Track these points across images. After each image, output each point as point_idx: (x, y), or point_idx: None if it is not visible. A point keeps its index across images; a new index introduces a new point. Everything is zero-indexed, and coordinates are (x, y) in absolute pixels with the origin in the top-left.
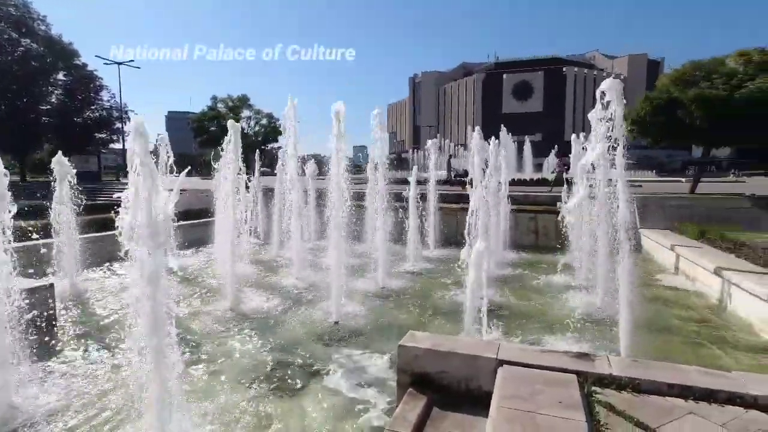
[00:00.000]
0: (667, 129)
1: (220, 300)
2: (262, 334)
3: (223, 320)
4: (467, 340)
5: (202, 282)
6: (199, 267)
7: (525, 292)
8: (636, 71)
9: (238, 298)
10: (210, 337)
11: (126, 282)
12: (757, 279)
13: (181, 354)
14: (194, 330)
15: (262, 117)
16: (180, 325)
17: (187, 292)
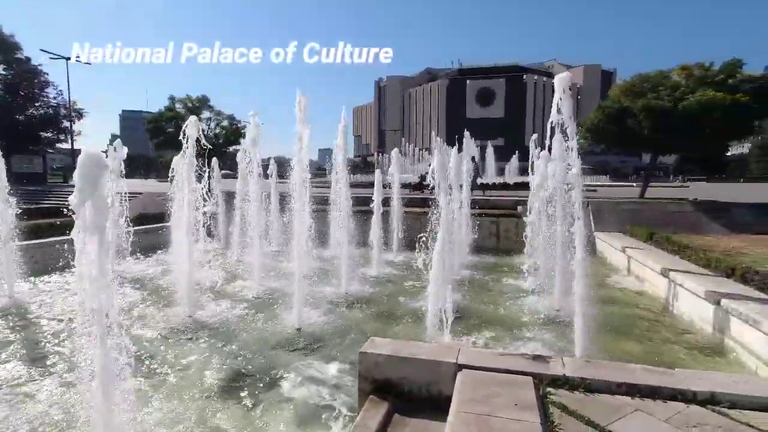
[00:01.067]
0: (618, 136)
1: (176, 307)
2: (220, 342)
3: (179, 329)
4: (428, 346)
5: (158, 289)
6: (154, 273)
7: (487, 294)
8: (591, 81)
9: (195, 305)
10: (164, 346)
11: (73, 290)
12: (697, 279)
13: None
14: (147, 340)
15: (223, 119)
16: (131, 335)
17: (140, 300)
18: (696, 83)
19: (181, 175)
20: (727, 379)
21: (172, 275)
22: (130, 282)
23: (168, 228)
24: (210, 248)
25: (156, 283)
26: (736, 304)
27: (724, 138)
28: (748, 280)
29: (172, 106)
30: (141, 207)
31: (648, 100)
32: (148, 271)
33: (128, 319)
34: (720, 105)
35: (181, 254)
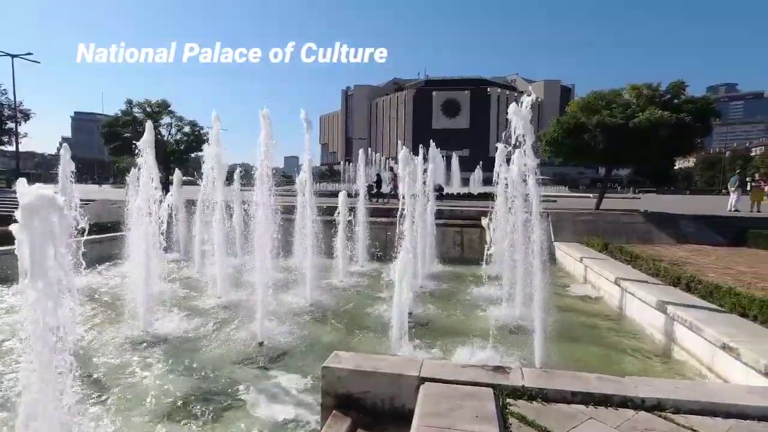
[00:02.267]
0: (576, 150)
1: (131, 322)
2: (178, 359)
3: (134, 345)
4: (391, 359)
5: (112, 303)
6: (108, 286)
7: (450, 304)
8: (551, 95)
9: (152, 319)
10: (118, 365)
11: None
12: (647, 288)
13: (80, 387)
14: (99, 358)
15: (185, 125)
16: (81, 353)
17: (91, 315)
18: (645, 102)
19: (137, 181)
20: (671, 386)
21: (126, 288)
22: (81, 296)
23: (123, 238)
24: (169, 259)
25: (109, 296)
26: (681, 312)
27: (671, 153)
28: (692, 288)
29: (129, 110)
30: (94, 215)
31: (603, 116)
32: (100, 283)
33: (77, 335)
34: (667, 123)
35: (137, 265)
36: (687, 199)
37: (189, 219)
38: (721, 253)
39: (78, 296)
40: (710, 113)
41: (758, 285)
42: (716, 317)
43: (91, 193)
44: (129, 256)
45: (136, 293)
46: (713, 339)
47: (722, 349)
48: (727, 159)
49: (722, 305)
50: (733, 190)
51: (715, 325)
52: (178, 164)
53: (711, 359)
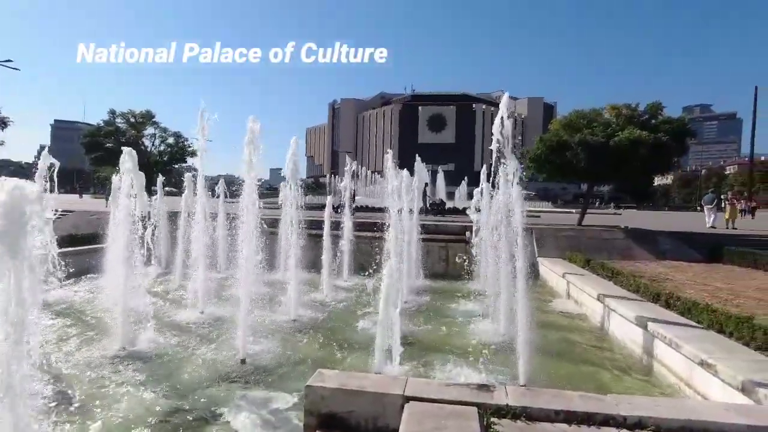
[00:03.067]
0: (558, 167)
1: (108, 339)
2: (157, 377)
3: (111, 363)
4: (375, 377)
5: (88, 318)
6: (85, 300)
7: (436, 320)
8: (534, 112)
9: (130, 336)
10: (93, 384)
11: None
12: (628, 304)
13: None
14: (73, 376)
15: (169, 135)
16: (54, 372)
17: (67, 331)
18: (625, 122)
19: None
20: (652, 403)
21: (103, 303)
22: (55, 311)
23: (102, 250)
24: (150, 272)
25: (85, 312)
26: (661, 329)
27: (649, 171)
28: (671, 305)
29: (111, 120)
30: (71, 226)
31: (584, 135)
32: (76, 297)
33: (50, 353)
34: (645, 142)
35: (115, 279)
36: (665, 215)
37: (171, 231)
38: (698, 269)
39: (51, 312)
40: (686, 133)
41: (734, 302)
42: (694, 334)
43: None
44: (107, 269)
45: (113, 308)
46: (691, 355)
47: (700, 366)
48: (703, 177)
49: (700, 322)
50: (709, 208)
51: (693, 341)
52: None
53: (690, 375)
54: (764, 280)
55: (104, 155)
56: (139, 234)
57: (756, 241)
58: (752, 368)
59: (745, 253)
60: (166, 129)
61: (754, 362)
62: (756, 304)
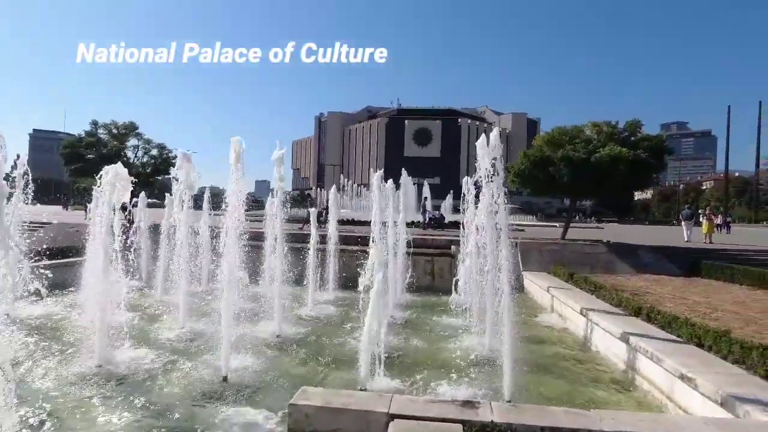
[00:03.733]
0: (542, 182)
1: (85, 356)
2: (135, 395)
3: (87, 382)
4: (360, 395)
5: (63, 335)
6: (60, 316)
7: (421, 335)
8: (518, 127)
9: (108, 353)
10: (68, 403)
11: None
12: (610, 318)
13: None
14: (47, 395)
15: (152, 147)
16: (27, 391)
17: (41, 348)
18: (606, 138)
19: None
20: (634, 418)
21: (81, 319)
22: (29, 327)
23: (80, 263)
24: (131, 286)
25: (61, 328)
26: (643, 343)
27: (629, 187)
28: (652, 319)
29: (93, 131)
30: (50, 239)
31: (566, 151)
32: (52, 312)
33: (22, 373)
34: (625, 159)
35: (93, 294)
36: (646, 229)
37: (153, 244)
38: (677, 283)
39: (25, 328)
40: (664, 150)
41: (712, 315)
42: (675, 348)
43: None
44: (85, 284)
45: (93, 324)
46: (672, 369)
47: (681, 379)
48: (681, 192)
49: (680, 335)
50: (687, 223)
51: (673, 355)
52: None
53: (671, 389)
54: (740, 293)
55: (85, 166)
56: (119, 247)
57: (732, 255)
58: (730, 382)
59: (722, 267)
60: (150, 140)
61: (732, 376)
62: (733, 317)
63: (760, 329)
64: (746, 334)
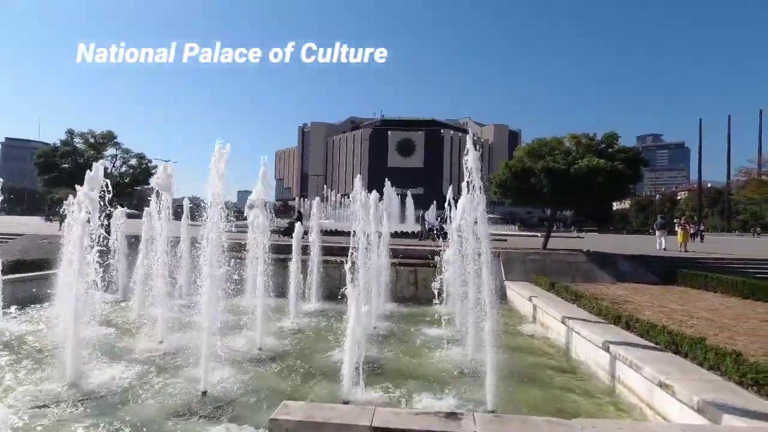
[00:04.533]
0: (523, 192)
1: (55, 374)
2: (109, 415)
3: (57, 401)
4: (342, 408)
5: (32, 351)
6: (30, 331)
7: (404, 346)
8: (500, 138)
9: (81, 370)
10: (37, 423)
11: None
12: (591, 327)
13: None
14: (15, 415)
15: (131, 157)
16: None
17: (9, 366)
18: (584, 150)
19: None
20: (614, 426)
21: (52, 334)
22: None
23: (53, 276)
24: (107, 300)
25: (30, 344)
26: (622, 351)
27: (607, 197)
28: (631, 327)
29: (69, 140)
30: (22, 251)
31: (547, 162)
32: (22, 329)
33: None
34: (603, 170)
35: (66, 308)
36: (624, 238)
37: (130, 255)
38: (655, 291)
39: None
40: (640, 162)
41: (688, 322)
42: (653, 355)
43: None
44: (58, 297)
45: (63, 340)
46: (651, 377)
47: (659, 387)
48: (657, 202)
49: (658, 343)
50: (660, 233)
51: (652, 363)
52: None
53: (650, 396)
54: (714, 301)
55: (60, 176)
56: (94, 259)
57: (706, 264)
58: (706, 388)
59: (697, 276)
60: (129, 150)
61: (708, 382)
62: (707, 324)
63: (732, 335)
64: (720, 341)
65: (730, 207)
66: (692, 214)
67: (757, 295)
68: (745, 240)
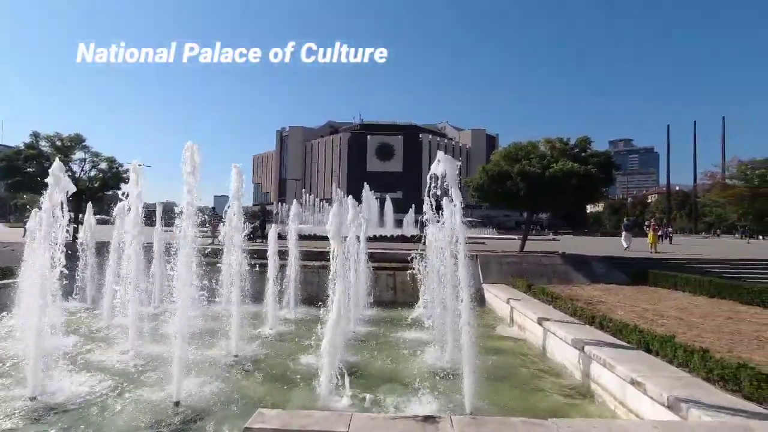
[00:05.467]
0: (500, 195)
1: (16, 387)
2: (76, 428)
3: (19, 416)
4: (319, 415)
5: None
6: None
7: (383, 350)
8: (477, 143)
9: (44, 383)
10: None
11: None
12: (566, 328)
13: None
14: None
15: (101, 161)
16: None
17: None
18: (558, 154)
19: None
20: (589, 425)
21: (13, 345)
22: None
23: (14, 285)
24: (75, 308)
25: None
26: (596, 350)
27: (581, 200)
28: (604, 327)
29: (34, 143)
30: None
31: (523, 165)
32: None
33: None
34: (577, 173)
35: (28, 317)
36: (598, 240)
37: (100, 262)
38: (627, 292)
39: None
40: (612, 166)
41: (659, 321)
42: (625, 354)
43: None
44: (20, 306)
45: (25, 351)
46: (623, 375)
47: (631, 384)
48: (629, 205)
49: (630, 342)
50: (626, 234)
51: (624, 362)
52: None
53: (623, 394)
54: (683, 300)
55: (23, 181)
56: (59, 266)
57: (675, 264)
58: (675, 385)
59: (667, 276)
60: (98, 153)
61: (677, 379)
62: (677, 323)
63: (700, 333)
64: (689, 339)
65: (697, 209)
66: (662, 216)
67: (722, 293)
68: (710, 240)
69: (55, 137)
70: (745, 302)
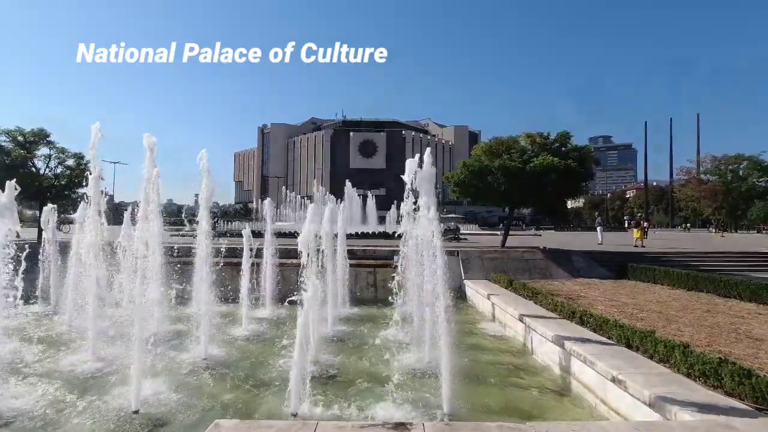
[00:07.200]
0: (480, 191)
1: None
2: None
3: None
4: (281, 425)
5: None
6: None
7: (360, 350)
8: (460, 139)
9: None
10: None
11: None
12: (546, 323)
13: None
14: None
15: (68, 157)
16: None
17: None
18: (539, 149)
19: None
20: (567, 428)
21: None
22: None
23: None
24: (35, 311)
25: None
26: (577, 347)
27: (561, 195)
28: (585, 322)
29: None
30: None
31: (503, 160)
32: None
33: None
34: (556, 168)
35: None
36: (578, 235)
37: (62, 263)
38: (607, 286)
39: None
40: (591, 161)
41: (638, 315)
42: (606, 350)
43: None
44: None
45: None
46: (604, 372)
47: (612, 382)
48: (609, 200)
49: (610, 337)
50: (600, 229)
51: (605, 358)
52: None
53: (604, 391)
54: (662, 293)
55: None
56: (13, 267)
57: (653, 257)
58: (656, 382)
59: (646, 270)
60: (65, 149)
61: (657, 375)
62: (657, 316)
63: (680, 327)
64: (668, 333)
65: (673, 204)
66: (640, 211)
67: (699, 286)
68: (685, 235)
69: (17, 132)
70: (722, 295)
